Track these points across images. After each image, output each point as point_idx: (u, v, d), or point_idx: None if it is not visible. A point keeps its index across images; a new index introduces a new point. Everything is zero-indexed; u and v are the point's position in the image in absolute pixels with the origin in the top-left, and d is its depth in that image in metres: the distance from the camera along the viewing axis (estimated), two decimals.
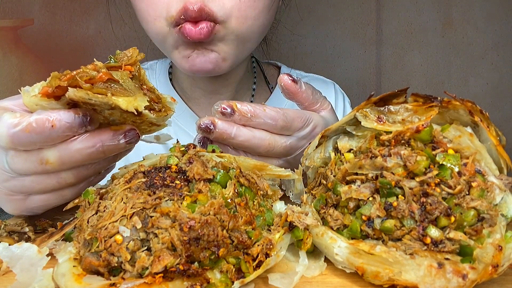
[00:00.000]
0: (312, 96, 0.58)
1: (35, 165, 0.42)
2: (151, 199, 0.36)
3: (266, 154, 0.54)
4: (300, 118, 0.54)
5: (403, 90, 0.42)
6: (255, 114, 0.51)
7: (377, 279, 0.36)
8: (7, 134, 0.40)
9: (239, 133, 0.51)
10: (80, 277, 0.34)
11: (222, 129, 0.50)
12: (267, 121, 0.51)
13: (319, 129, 0.56)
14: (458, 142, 0.39)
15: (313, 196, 0.46)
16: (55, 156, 0.41)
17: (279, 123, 0.52)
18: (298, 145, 0.55)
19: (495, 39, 1.53)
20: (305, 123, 0.55)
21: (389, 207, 0.37)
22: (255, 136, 0.52)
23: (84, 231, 0.37)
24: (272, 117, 0.52)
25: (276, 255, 0.37)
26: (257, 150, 0.52)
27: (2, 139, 0.40)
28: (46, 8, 1.39)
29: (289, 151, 0.55)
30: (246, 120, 0.51)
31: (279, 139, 0.53)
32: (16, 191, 0.45)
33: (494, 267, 0.34)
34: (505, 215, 0.37)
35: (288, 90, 0.56)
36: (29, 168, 0.42)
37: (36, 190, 0.46)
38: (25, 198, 0.47)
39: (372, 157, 0.39)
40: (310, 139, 0.55)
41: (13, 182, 0.44)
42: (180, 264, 0.34)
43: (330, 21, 1.47)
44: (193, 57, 0.68)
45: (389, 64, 1.54)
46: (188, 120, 0.81)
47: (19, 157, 0.42)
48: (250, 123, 0.51)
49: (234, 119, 0.50)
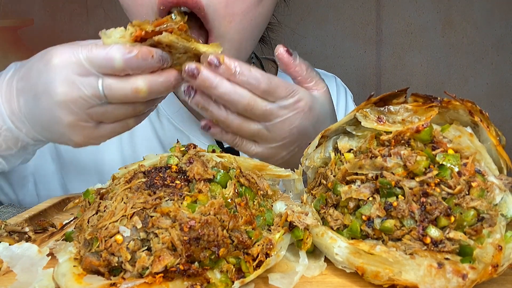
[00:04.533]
0: (305, 72, 0.59)
1: (130, 92, 0.50)
2: (151, 199, 0.36)
3: (244, 113, 0.55)
4: (285, 88, 0.55)
5: (403, 90, 0.42)
6: (240, 71, 0.53)
7: (377, 279, 0.36)
8: (122, 58, 0.48)
9: (221, 84, 0.53)
10: (80, 277, 0.34)
11: (206, 76, 0.52)
12: (250, 80, 0.53)
13: (303, 103, 0.56)
14: (458, 142, 0.39)
15: (313, 196, 0.46)
16: (146, 87, 0.50)
17: (261, 85, 0.53)
18: (279, 113, 0.55)
19: (495, 39, 1.53)
20: (290, 93, 0.56)
21: (389, 207, 0.37)
22: (236, 91, 0.53)
23: (85, 231, 0.37)
24: (256, 77, 0.53)
25: (276, 255, 0.37)
26: (236, 105, 0.54)
27: (115, 63, 0.48)
28: (46, 8, 1.39)
29: (268, 117, 0.55)
30: (230, 75, 0.53)
31: (259, 101, 0.54)
32: (94, 117, 0.52)
33: (494, 267, 0.34)
34: (505, 215, 0.37)
35: (281, 61, 0.58)
36: (124, 95, 0.50)
37: (113, 117, 0.53)
38: (96, 126, 0.53)
39: (372, 157, 0.39)
40: (292, 111, 0.56)
41: (96, 109, 0.51)
42: (180, 264, 0.34)
43: (330, 21, 1.47)
44: None
45: (389, 64, 1.54)
46: (184, 119, 0.81)
47: (117, 84, 0.49)
48: (234, 79, 0.53)
49: (219, 71, 0.52)
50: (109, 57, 0.48)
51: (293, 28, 1.34)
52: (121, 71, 0.49)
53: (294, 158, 0.59)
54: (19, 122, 0.53)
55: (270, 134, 0.57)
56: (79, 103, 0.50)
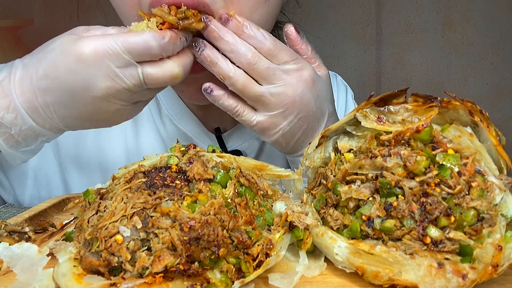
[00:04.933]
0: (310, 53, 0.62)
1: (169, 78, 0.53)
2: (152, 199, 0.36)
3: (249, 67, 0.57)
4: (289, 53, 0.58)
5: (403, 90, 0.42)
6: (247, 26, 0.57)
7: (377, 279, 0.36)
8: (158, 44, 0.50)
9: (228, 35, 0.56)
10: (80, 277, 0.34)
11: (215, 26, 0.56)
12: (257, 36, 0.57)
13: (307, 73, 0.59)
14: (458, 142, 0.39)
15: (313, 196, 0.46)
16: (182, 71, 0.54)
17: (266, 44, 0.57)
18: (281, 77, 0.58)
19: (495, 39, 1.53)
20: (293, 60, 0.58)
21: (389, 207, 0.37)
22: (242, 44, 0.57)
23: (85, 231, 0.37)
24: (263, 36, 0.57)
25: (276, 255, 0.37)
26: (240, 58, 0.56)
27: (152, 49, 0.50)
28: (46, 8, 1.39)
29: (270, 77, 0.57)
30: (237, 28, 0.56)
31: (263, 59, 0.57)
32: (132, 101, 0.55)
33: (494, 267, 0.34)
34: (505, 215, 0.37)
35: (288, 37, 0.61)
36: (163, 81, 0.53)
37: (150, 98, 0.58)
38: (132, 107, 0.56)
39: (372, 157, 0.39)
40: (295, 78, 0.58)
41: (136, 95, 0.54)
42: (180, 264, 0.34)
43: (330, 21, 1.47)
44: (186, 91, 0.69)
45: (389, 64, 1.54)
46: (186, 120, 0.81)
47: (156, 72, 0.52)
48: (242, 34, 0.57)
49: (229, 25, 0.56)
50: (146, 44, 0.50)
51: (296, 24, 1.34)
52: (157, 56, 0.51)
53: (292, 130, 0.60)
54: (41, 119, 0.53)
55: (273, 99, 0.58)
56: (124, 93, 0.52)
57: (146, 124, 0.81)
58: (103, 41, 0.49)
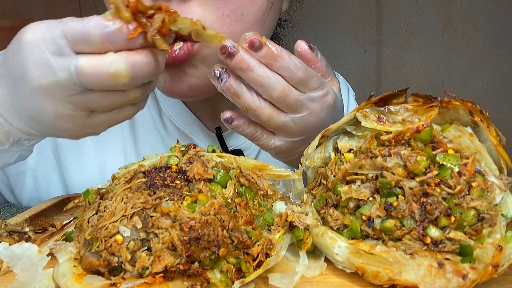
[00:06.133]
0: (325, 68, 0.57)
1: (107, 77, 0.41)
2: (152, 199, 0.36)
3: (278, 100, 0.53)
4: (317, 79, 0.54)
5: (403, 90, 0.42)
6: (281, 55, 0.50)
7: (377, 279, 0.36)
8: (100, 32, 0.39)
9: (258, 67, 0.50)
10: (80, 277, 0.34)
11: (244, 57, 0.49)
12: (289, 67, 0.51)
13: (330, 98, 0.56)
14: (458, 142, 0.39)
15: (313, 196, 0.46)
16: (127, 69, 0.41)
17: (299, 73, 0.52)
18: (308, 105, 0.54)
19: (495, 39, 1.53)
20: (320, 85, 0.54)
21: (389, 207, 0.37)
22: (273, 76, 0.51)
23: (85, 231, 0.37)
24: (295, 65, 0.51)
25: (276, 255, 0.37)
26: (270, 91, 0.51)
27: (92, 36, 0.40)
28: (46, 8, 1.39)
29: (299, 107, 0.54)
30: (270, 58, 0.50)
31: (293, 90, 0.53)
32: (81, 106, 0.44)
33: (494, 267, 0.34)
34: (505, 215, 0.37)
35: (304, 57, 0.55)
36: (100, 81, 0.41)
37: (102, 106, 0.44)
38: (88, 115, 0.45)
39: (372, 157, 0.39)
40: (320, 104, 0.55)
41: (79, 97, 0.43)
42: (180, 264, 0.34)
43: (330, 21, 1.47)
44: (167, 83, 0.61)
45: (389, 64, 1.54)
46: (186, 120, 0.81)
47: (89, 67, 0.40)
48: (272, 64, 0.51)
49: (259, 54, 0.50)
50: (85, 30, 0.40)
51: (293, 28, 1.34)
52: (99, 47, 0.40)
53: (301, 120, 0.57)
54: (7, 114, 0.46)
55: (296, 127, 0.55)
56: (57, 89, 0.42)
57: (146, 123, 0.81)
58: (45, 23, 0.42)
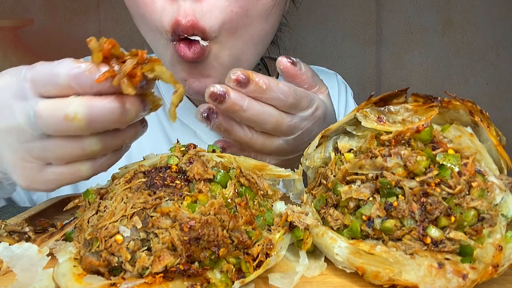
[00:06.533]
0: (311, 79, 0.57)
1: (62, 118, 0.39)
2: (152, 199, 0.36)
3: (271, 131, 0.52)
4: (306, 98, 0.53)
5: (403, 90, 0.42)
6: (269, 87, 0.49)
7: (377, 279, 0.36)
8: (67, 73, 0.38)
9: (251, 106, 0.49)
10: (80, 277, 0.34)
11: (235, 99, 0.48)
12: (279, 96, 0.50)
13: (320, 112, 0.55)
14: (458, 142, 0.39)
15: (313, 196, 0.46)
16: (84, 112, 0.38)
17: (289, 99, 0.51)
18: (301, 125, 0.54)
19: (495, 39, 1.53)
20: (310, 103, 0.54)
21: (389, 207, 0.37)
22: (264, 110, 0.50)
23: (85, 231, 0.37)
24: (285, 92, 0.50)
25: (276, 255, 0.37)
26: (264, 125, 0.51)
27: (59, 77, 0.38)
28: (46, 8, 1.39)
29: (293, 130, 0.54)
30: (260, 92, 0.49)
31: (285, 116, 0.52)
32: (35, 155, 0.42)
33: (494, 267, 0.34)
34: (505, 215, 0.37)
35: (287, 73, 0.54)
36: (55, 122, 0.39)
37: (56, 157, 0.42)
38: (41, 168, 0.43)
39: (372, 157, 0.39)
40: (311, 121, 0.55)
41: (34, 144, 0.41)
42: (180, 264, 0.34)
43: (330, 21, 1.47)
44: (190, 82, 0.65)
45: (389, 64, 1.54)
46: (190, 114, 0.81)
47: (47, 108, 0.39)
48: (262, 96, 0.49)
49: (248, 90, 0.48)
50: (54, 71, 0.38)
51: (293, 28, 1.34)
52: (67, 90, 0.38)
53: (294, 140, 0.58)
54: None
55: (290, 147, 0.55)
56: (14, 134, 0.41)
57: (150, 118, 0.81)
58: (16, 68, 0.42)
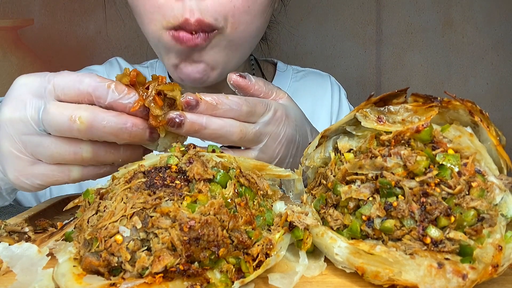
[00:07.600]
0: (265, 87, 0.59)
1: (66, 119, 0.44)
2: (151, 199, 0.36)
3: (239, 142, 0.54)
4: (261, 103, 0.55)
5: (403, 90, 0.42)
6: (219, 101, 0.51)
7: (377, 279, 0.36)
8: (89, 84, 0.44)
9: (210, 121, 0.51)
10: (80, 277, 0.34)
11: (192, 120, 0.49)
12: (232, 107, 0.52)
13: (280, 113, 0.57)
14: (458, 142, 0.39)
15: (313, 196, 0.46)
16: (88, 117, 0.44)
17: (243, 108, 0.53)
18: (266, 131, 0.56)
19: (495, 39, 1.53)
20: (266, 107, 0.56)
21: (389, 207, 0.37)
22: (226, 123, 0.52)
23: (84, 231, 0.37)
24: (236, 102, 0.52)
25: (276, 255, 0.37)
26: (230, 138, 0.52)
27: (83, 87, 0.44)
28: (46, 8, 1.39)
29: (260, 137, 0.56)
30: (212, 109, 0.51)
31: (248, 125, 0.54)
32: (29, 149, 0.46)
33: (494, 267, 0.34)
34: (505, 215, 0.37)
35: (239, 86, 0.57)
36: (59, 122, 0.44)
37: (49, 154, 0.46)
38: (32, 162, 0.47)
39: (372, 157, 0.39)
40: (275, 124, 0.56)
41: (32, 138, 0.46)
42: (180, 264, 0.34)
43: (330, 21, 1.47)
44: (181, 67, 0.71)
45: (389, 64, 1.54)
46: None
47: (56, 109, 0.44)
48: (217, 112, 0.51)
49: (200, 110, 0.50)
50: (79, 78, 0.45)
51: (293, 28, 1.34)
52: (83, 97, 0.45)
53: (281, 162, 0.59)
54: None
55: (267, 156, 0.57)
56: (18, 125, 0.45)
57: None
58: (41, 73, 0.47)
